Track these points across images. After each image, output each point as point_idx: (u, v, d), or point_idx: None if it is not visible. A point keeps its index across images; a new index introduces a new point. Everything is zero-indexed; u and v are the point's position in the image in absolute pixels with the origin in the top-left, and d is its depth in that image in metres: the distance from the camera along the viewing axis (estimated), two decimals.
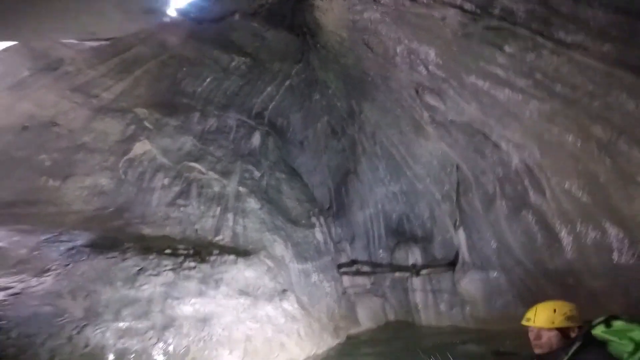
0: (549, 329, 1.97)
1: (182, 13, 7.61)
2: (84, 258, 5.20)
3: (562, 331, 1.96)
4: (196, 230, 7.31)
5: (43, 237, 5.16)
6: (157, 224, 6.90)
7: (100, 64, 6.49)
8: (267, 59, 8.41)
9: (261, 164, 8.98)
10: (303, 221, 9.29)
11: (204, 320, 5.39)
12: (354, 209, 10.35)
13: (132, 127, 7.06)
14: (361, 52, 7.55)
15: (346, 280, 9.52)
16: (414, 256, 9.39)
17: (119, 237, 6.00)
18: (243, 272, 6.67)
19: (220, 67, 8.12)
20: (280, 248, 8.26)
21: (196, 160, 7.94)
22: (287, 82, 9.07)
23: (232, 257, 6.82)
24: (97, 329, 4.44)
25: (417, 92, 6.99)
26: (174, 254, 6.16)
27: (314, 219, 9.50)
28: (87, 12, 3.81)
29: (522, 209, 6.30)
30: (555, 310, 1.99)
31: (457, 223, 8.15)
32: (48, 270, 4.80)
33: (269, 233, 8.29)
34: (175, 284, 5.56)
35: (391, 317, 9.23)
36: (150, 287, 5.31)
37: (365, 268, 9.77)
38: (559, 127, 4.99)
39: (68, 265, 4.99)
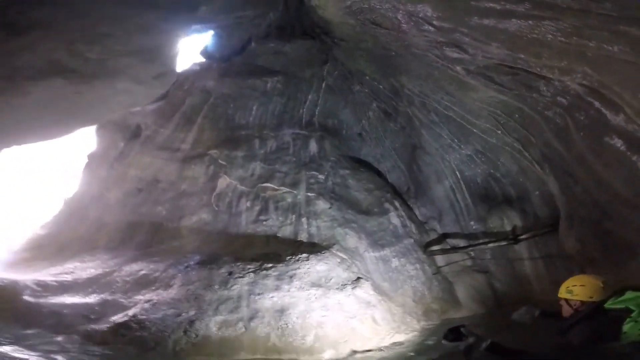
0: (559, 298, 2.33)
1: (208, 57, 9.15)
2: (194, 272, 7.10)
3: (567, 302, 2.25)
4: (277, 238, 8.60)
5: (168, 262, 7.33)
6: (247, 238, 8.52)
7: (168, 123, 8.66)
8: (296, 70, 9.12)
9: (323, 167, 9.68)
10: (376, 209, 9.42)
11: (281, 311, 6.42)
12: (431, 184, 9.77)
13: (212, 167, 8.99)
14: (373, 32, 7.41)
15: (439, 259, 9.06)
16: (511, 220, 8.16)
17: (219, 253, 7.81)
18: (315, 267, 7.46)
19: (259, 92, 9.31)
20: (353, 240, 8.69)
21: (267, 180, 9.30)
22: (324, 84, 9.53)
23: (304, 255, 7.73)
24: (202, 323, 6.03)
25: (437, 49, 6.45)
26: (256, 259, 7.53)
27: (387, 205, 9.50)
28: (113, 94, 5.25)
29: (604, 135, 4.87)
30: (565, 282, 2.34)
31: (547, 170, 6.76)
32: (172, 284, 6.82)
33: (340, 228, 8.84)
34: (256, 283, 6.84)
35: (499, 292, 8.22)
36: (238, 286, 6.72)
37: (459, 243, 9.05)
38: (592, 40, 3.94)
39: (184, 278, 6.93)
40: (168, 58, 6.11)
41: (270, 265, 7.27)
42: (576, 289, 2.23)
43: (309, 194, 9.27)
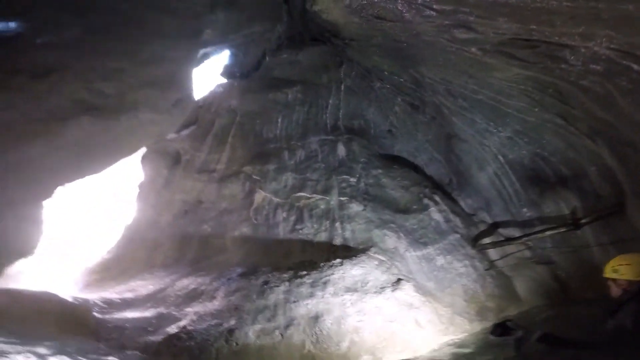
0: (606, 279, 2.27)
1: (229, 76, 9.63)
2: (234, 283, 7.51)
3: (615, 282, 2.18)
4: (313, 245, 8.69)
5: (213, 276, 7.86)
6: (285, 248, 8.76)
7: (202, 146, 9.36)
8: (313, 77, 9.22)
9: (354, 169, 9.58)
10: (414, 206, 9.00)
11: (316, 317, 6.43)
12: (473, 172, 9.04)
13: (247, 183, 9.48)
14: (380, 26, 7.25)
15: (492, 252, 8.29)
16: (568, 203, 7.15)
17: (258, 264, 8.15)
18: (349, 272, 7.36)
19: (281, 105, 9.60)
20: (391, 240, 8.40)
21: (300, 190, 9.50)
22: (343, 86, 9.49)
23: (338, 260, 7.68)
24: (242, 332, 6.32)
25: (446, 33, 6.12)
26: (292, 268, 7.69)
27: (426, 201, 9.02)
28: (139, 126, 5.76)
29: None
30: (610, 262, 2.29)
31: (599, 142, 5.85)
32: (216, 296, 7.29)
33: (378, 229, 8.61)
34: (291, 291, 6.98)
35: (566, 284, 7.20)
36: (274, 295, 6.92)
37: (513, 233, 8.18)
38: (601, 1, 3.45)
39: (226, 290, 7.36)
40: (183, 84, 6.66)
41: (304, 273, 7.37)
42: (622, 268, 2.20)
43: (342, 198, 9.23)
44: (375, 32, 7.70)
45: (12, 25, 4.85)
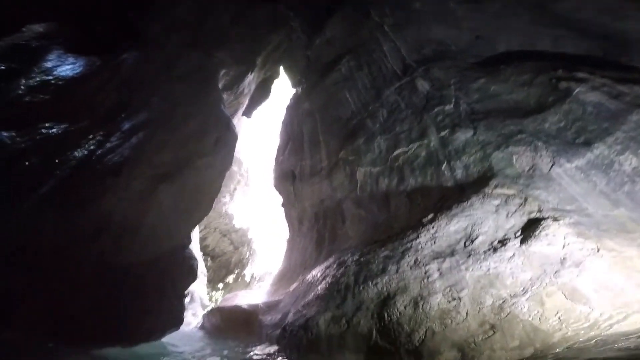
0: None
1: (294, 84, 9.40)
2: (328, 270, 7.07)
3: None
4: (419, 202, 6.77)
5: (321, 267, 7.77)
6: (390, 218, 7.37)
7: (303, 154, 10.14)
8: (351, 38, 8.16)
9: (445, 96, 7.11)
10: (550, 98, 5.68)
11: (385, 300, 4.90)
12: None
13: (347, 167, 8.88)
14: None
15: None
16: None
17: (357, 244, 7.32)
18: (444, 229, 5.24)
19: (342, 81, 8.99)
20: (525, 159, 5.57)
21: (395, 148, 7.89)
22: (386, 28, 7.90)
23: (428, 217, 5.61)
24: (314, 321, 5.77)
25: None
26: (381, 240, 6.33)
27: (564, 84, 5.53)
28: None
29: None
30: None
31: None
32: (318, 285, 7.12)
33: (499, 151, 5.94)
34: (361, 269, 5.72)
35: None
36: (345, 278, 5.92)
37: None
38: None
39: (322, 278, 7.06)
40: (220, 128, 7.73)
41: (382, 244, 5.94)
42: None
43: (442, 133, 6.90)
44: None
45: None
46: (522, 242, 4.40)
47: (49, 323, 5.56)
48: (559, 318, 3.54)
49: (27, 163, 5.97)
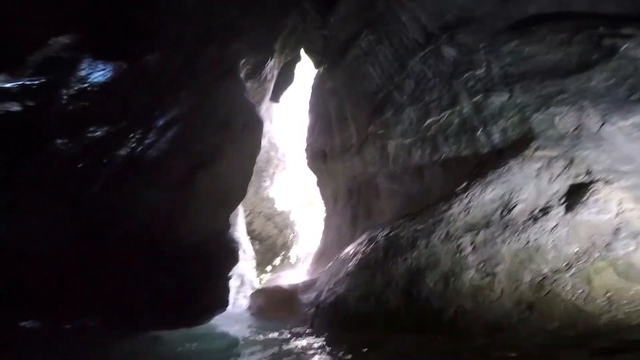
0: None
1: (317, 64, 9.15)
2: (359, 247, 6.99)
3: None
4: (455, 171, 6.36)
5: (356, 244, 7.70)
6: (424, 191, 7.05)
7: (332, 133, 9.92)
8: (368, 13, 8.02)
9: (475, 60, 6.53)
10: (594, 56, 5.29)
11: (412, 276, 4.74)
12: None
13: (378, 142, 8.75)
14: None
15: None
16: None
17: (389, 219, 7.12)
18: (479, 198, 4.97)
19: (363, 56, 8.69)
20: (569, 119, 5.08)
21: (426, 117, 7.57)
22: None
23: (462, 186, 5.28)
24: (340, 299, 5.78)
25: None
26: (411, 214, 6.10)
27: (608, 41, 5.11)
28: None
29: None
30: None
31: None
32: (350, 263, 7.08)
33: (539, 113, 5.42)
34: (391, 244, 5.55)
35: None
36: (374, 254, 5.81)
37: None
38: None
39: (354, 256, 6.99)
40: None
41: (412, 217, 5.71)
42: None
43: (475, 99, 6.35)
44: None
45: None
46: (568, 210, 3.96)
47: (112, 309, 6.31)
48: (609, 298, 3.17)
49: (79, 165, 6.71)
